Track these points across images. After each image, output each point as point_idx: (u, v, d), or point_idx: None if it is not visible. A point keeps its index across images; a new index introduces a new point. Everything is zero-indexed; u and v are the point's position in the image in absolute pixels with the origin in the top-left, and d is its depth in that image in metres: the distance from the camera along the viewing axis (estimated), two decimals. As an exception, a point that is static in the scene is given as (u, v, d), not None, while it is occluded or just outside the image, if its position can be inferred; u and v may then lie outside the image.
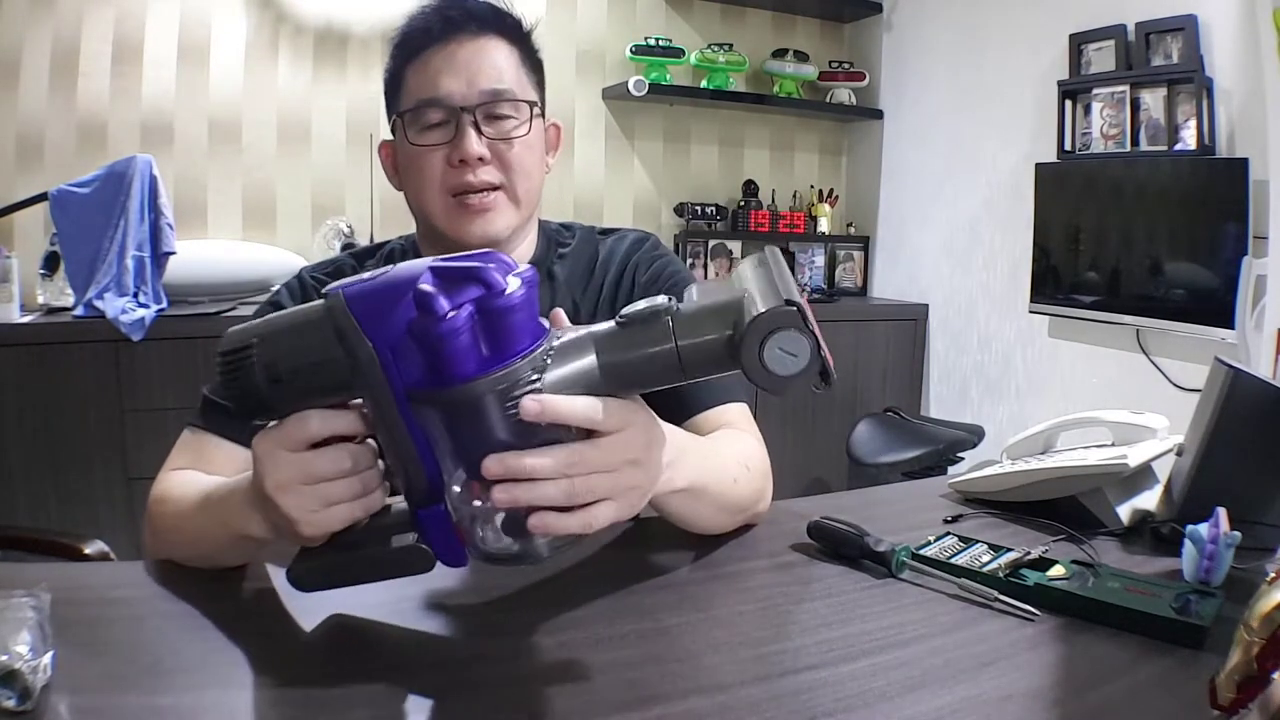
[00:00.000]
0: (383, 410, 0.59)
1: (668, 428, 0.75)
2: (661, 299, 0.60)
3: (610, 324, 0.61)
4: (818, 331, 0.58)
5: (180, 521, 0.82)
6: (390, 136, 1.03)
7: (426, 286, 0.57)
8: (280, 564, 0.80)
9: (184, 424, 0.97)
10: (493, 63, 0.97)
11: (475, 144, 0.95)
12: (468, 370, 0.56)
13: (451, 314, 0.56)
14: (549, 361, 0.59)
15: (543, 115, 1.03)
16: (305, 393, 0.61)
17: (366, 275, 0.60)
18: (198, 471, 0.91)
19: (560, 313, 0.65)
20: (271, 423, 0.63)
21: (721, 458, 0.87)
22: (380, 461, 0.64)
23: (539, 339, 0.59)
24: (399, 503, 0.64)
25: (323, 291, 0.60)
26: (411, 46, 0.98)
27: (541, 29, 1.05)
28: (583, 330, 0.61)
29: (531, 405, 0.57)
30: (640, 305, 0.60)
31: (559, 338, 0.60)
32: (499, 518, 0.59)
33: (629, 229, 1.13)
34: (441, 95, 0.95)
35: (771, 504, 1.02)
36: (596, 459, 0.60)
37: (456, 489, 0.60)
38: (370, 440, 0.64)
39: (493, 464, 0.57)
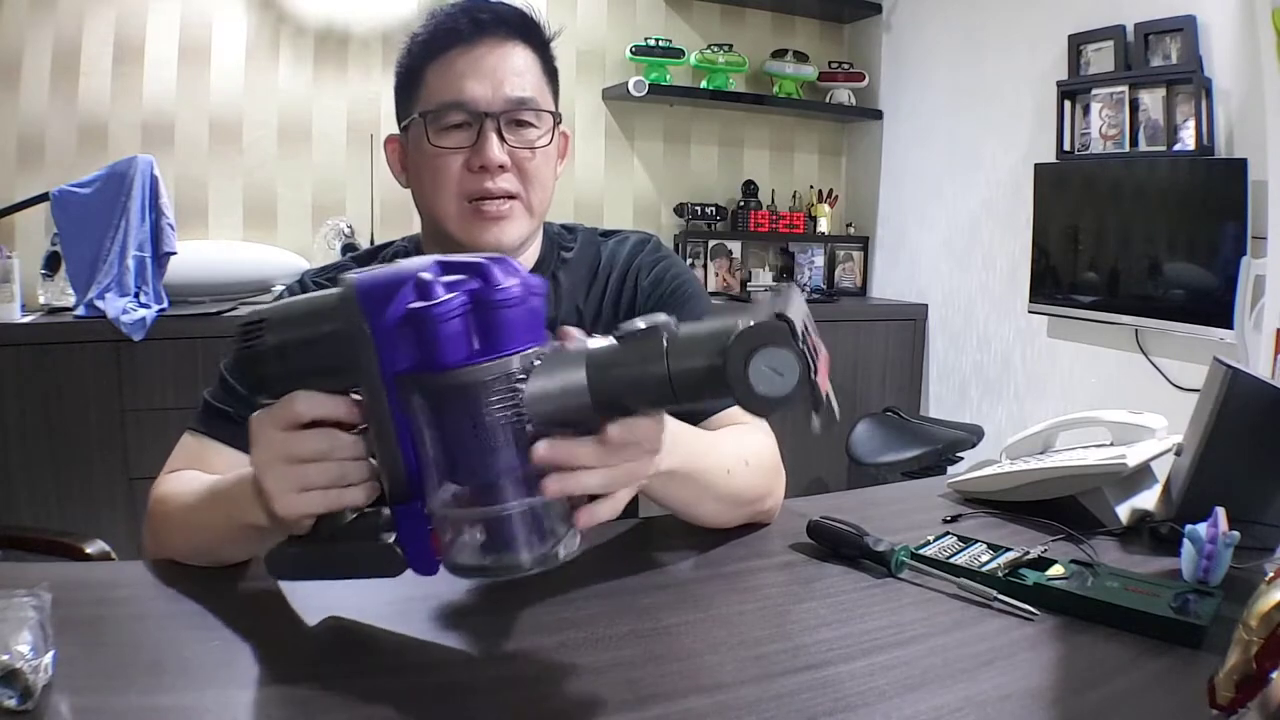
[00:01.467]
0: (373, 395, 0.60)
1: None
2: (661, 316, 0.58)
3: (608, 340, 0.59)
4: (816, 352, 0.56)
5: (185, 516, 0.82)
6: (397, 131, 1.02)
7: (426, 275, 0.59)
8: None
9: (185, 425, 0.97)
10: (518, 70, 0.96)
11: (497, 150, 0.94)
12: (457, 357, 0.57)
13: (446, 299, 0.57)
14: (536, 364, 0.58)
15: (560, 123, 1.02)
16: (305, 373, 0.63)
17: (383, 266, 0.62)
18: (198, 471, 0.91)
19: (572, 330, 0.63)
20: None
21: (718, 449, 0.87)
22: (371, 459, 0.64)
23: (533, 344, 0.59)
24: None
25: (339, 278, 0.62)
26: (436, 45, 0.96)
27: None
28: (581, 344, 0.61)
29: (542, 449, 0.57)
30: (639, 322, 0.58)
31: (556, 348, 0.60)
32: (479, 529, 0.59)
33: (631, 231, 1.13)
34: (466, 99, 0.94)
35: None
36: (628, 450, 0.61)
37: (445, 495, 0.59)
38: (364, 435, 0.64)
39: (543, 448, 0.58)
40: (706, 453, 0.84)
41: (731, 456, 0.88)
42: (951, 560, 0.83)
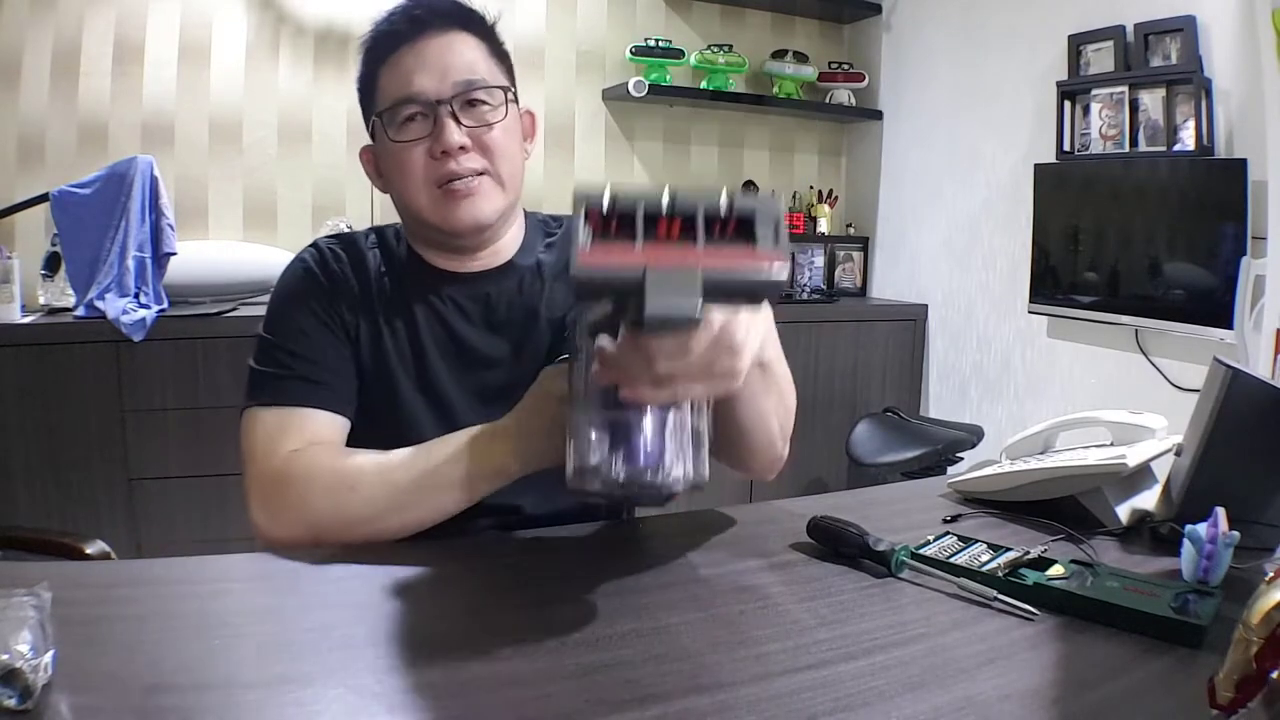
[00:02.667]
0: None
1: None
2: None
3: None
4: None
5: (380, 478, 0.87)
6: (369, 142, 1.05)
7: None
8: (284, 559, 0.80)
9: (248, 403, 0.95)
10: (462, 55, 0.99)
11: (455, 134, 0.96)
12: None
13: None
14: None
15: (516, 101, 1.04)
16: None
17: None
18: (326, 442, 0.93)
19: None
20: None
21: (779, 361, 0.92)
22: None
23: None
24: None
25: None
26: (381, 50, 1.00)
27: (541, 29, 1.06)
28: None
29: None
30: None
31: None
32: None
33: None
34: (416, 91, 0.97)
35: (771, 504, 1.03)
36: (681, 366, 0.65)
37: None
38: None
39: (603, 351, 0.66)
40: (781, 359, 0.91)
41: (786, 373, 0.94)
42: (951, 560, 0.83)
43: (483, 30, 1.03)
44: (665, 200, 0.50)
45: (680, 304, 0.50)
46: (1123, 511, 0.97)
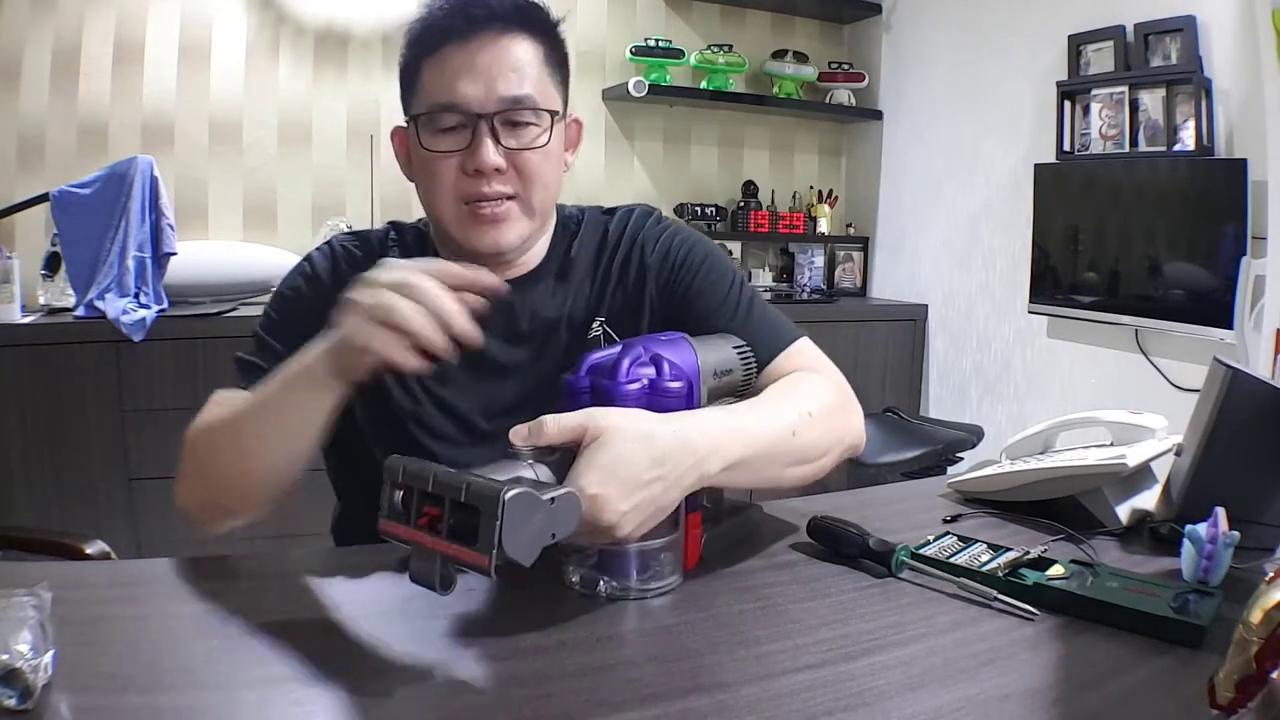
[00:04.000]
0: None
1: (705, 415, 0.77)
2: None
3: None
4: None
5: (233, 425, 0.85)
6: (404, 123, 1.00)
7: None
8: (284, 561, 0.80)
9: (187, 422, 0.95)
10: (514, 65, 0.93)
11: (492, 154, 0.92)
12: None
13: None
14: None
15: (564, 117, 1.00)
16: None
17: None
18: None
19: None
20: None
21: (776, 415, 0.84)
22: None
23: None
24: None
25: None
26: (429, 42, 0.93)
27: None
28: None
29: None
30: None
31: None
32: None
33: (632, 205, 1.11)
34: (459, 100, 0.92)
35: (771, 504, 1.02)
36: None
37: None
38: None
39: None
40: (763, 427, 0.82)
41: (792, 415, 0.85)
42: (951, 560, 0.83)
43: (543, 31, 0.97)
44: (430, 484, 0.64)
45: (428, 576, 0.65)
46: (1123, 511, 0.97)
